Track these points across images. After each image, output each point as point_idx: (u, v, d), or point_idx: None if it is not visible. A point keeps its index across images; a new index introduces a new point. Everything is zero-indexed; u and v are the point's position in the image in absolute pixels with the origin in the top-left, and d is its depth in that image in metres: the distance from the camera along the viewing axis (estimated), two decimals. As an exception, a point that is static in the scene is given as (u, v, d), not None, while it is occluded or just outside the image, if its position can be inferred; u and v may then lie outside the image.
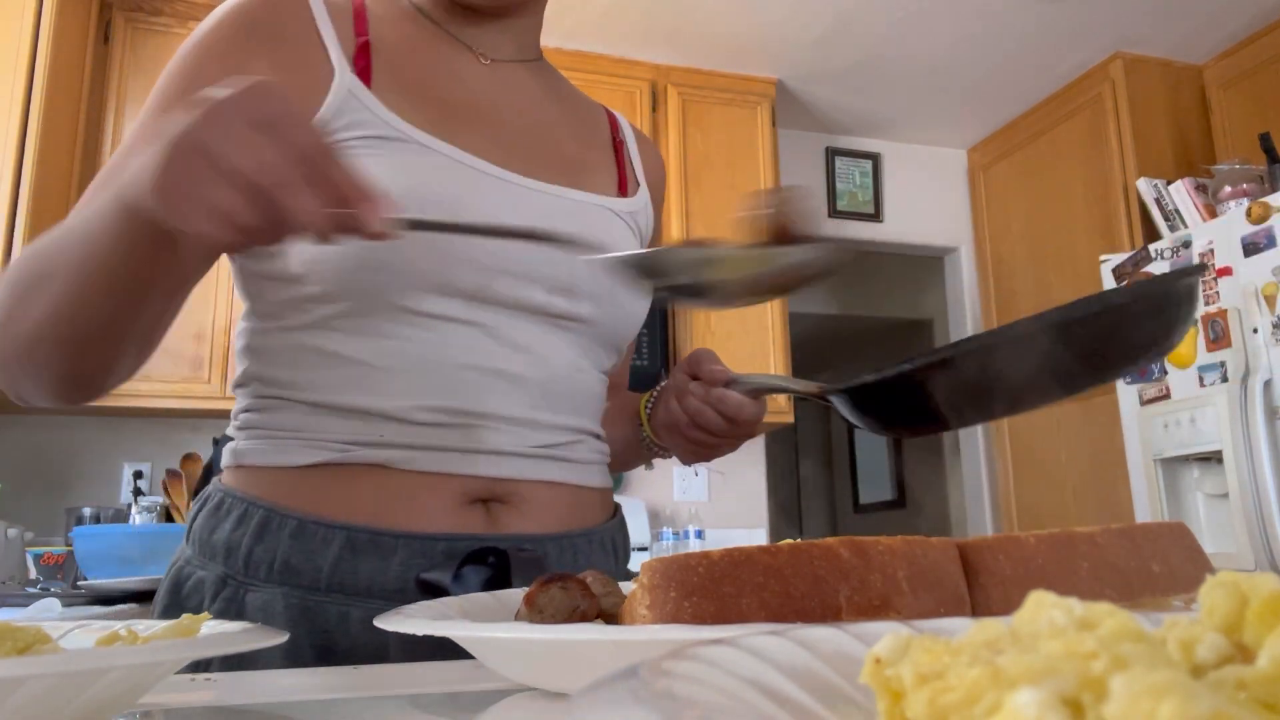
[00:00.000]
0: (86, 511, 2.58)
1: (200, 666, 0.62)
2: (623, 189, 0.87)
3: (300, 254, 0.69)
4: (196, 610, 0.69)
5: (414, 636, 0.65)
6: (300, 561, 0.68)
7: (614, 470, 0.91)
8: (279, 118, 0.48)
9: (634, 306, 0.82)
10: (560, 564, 0.73)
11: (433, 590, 0.67)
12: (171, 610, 0.70)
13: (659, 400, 0.84)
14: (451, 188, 0.72)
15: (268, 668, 0.63)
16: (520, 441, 0.73)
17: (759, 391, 0.76)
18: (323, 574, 0.67)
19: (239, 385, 0.76)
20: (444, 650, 0.65)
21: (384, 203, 0.50)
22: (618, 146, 0.91)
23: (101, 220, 0.56)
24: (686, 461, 0.87)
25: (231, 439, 0.75)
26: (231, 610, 0.68)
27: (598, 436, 0.83)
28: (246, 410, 0.74)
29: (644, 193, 0.89)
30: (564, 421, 0.77)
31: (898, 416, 0.63)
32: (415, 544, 0.68)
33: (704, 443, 0.79)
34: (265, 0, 0.72)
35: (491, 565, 0.68)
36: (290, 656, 0.65)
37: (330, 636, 0.67)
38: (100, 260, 0.57)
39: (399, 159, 0.70)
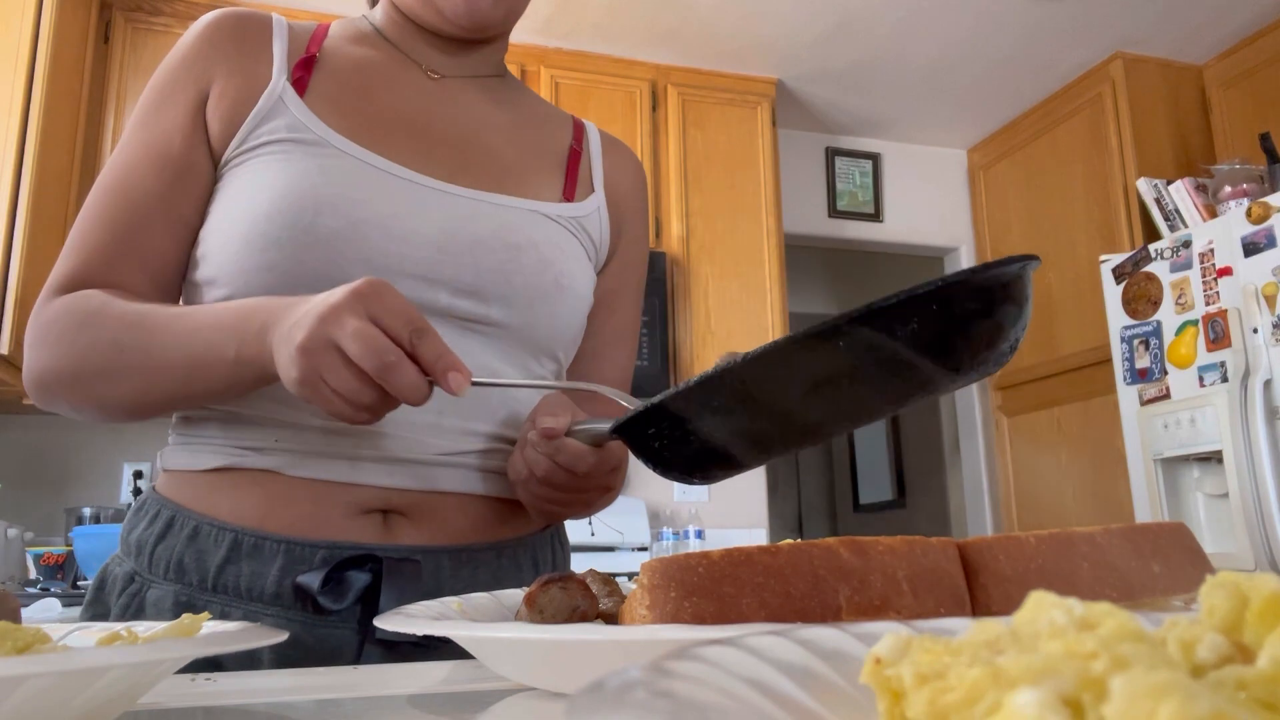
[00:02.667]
0: (86, 511, 2.58)
1: (199, 666, 0.62)
2: (568, 195, 0.86)
3: (214, 258, 0.73)
4: (110, 605, 0.73)
5: (288, 641, 0.67)
6: (191, 561, 0.70)
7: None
8: (383, 310, 0.58)
9: (556, 310, 0.79)
10: (457, 577, 0.72)
11: (304, 595, 0.68)
12: (93, 604, 0.74)
13: (514, 452, 0.76)
14: (353, 189, 0.72)
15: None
16: (421, 448, 0.73)
17: (598, 439, 0.66)
18: (209, 574, 0.69)
19: None
20: (315, 657, 0.67)
21: (465, 371, 0.60)
22: (573, 155, 0.89)
23: (215, 363, 0.66)
24: (539, 520, 0.81)
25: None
26: (134, 604, 0.71)
27: (513, 443, 0.78)
28: (179, 418, 0.78)
29: (596, 199, 0.88)
30: (474, 427, 0.75)
31: (683, 457, 0.55)
32: (295, 550, 0.69)
33: (546, 498, 0.71)
34: (234, 19, 0.78)
35: (369, 572, 0.69)
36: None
37: None
38: (203, 383, 0.67)
39: (311, 161, 0.72)
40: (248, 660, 0.67)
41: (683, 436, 0.53)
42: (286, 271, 0.69)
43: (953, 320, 0.45)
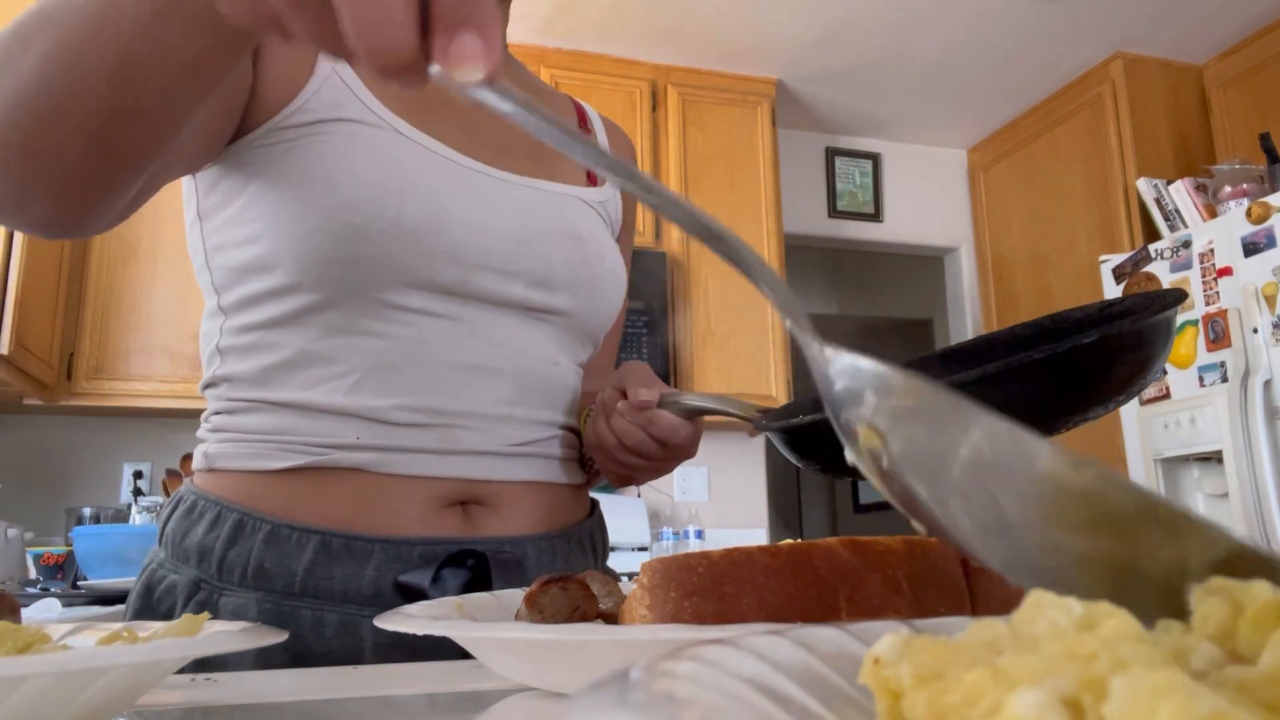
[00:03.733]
0: (86, 511, 2.58)
1: (200, 666, 0.62)
2: (591, 178, 0.86)
3: (274, 243, 0.67)
4: (168, 615, 0.68)
5: (391, 641, 0.66)
6: (274, 566, 0.66)
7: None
8: None
9: (610, 296, 0.81)
10: (540, 565, 0.72)
11: (410, 594, 0.66)
12: (143, 614, 0.69)
13: (593, 418, 0.77)
14: (429, 178, 0.70)
15: (238, 669, 0.62)
16: (497, 440, 0.72)
17: (693, 413, 0.69)
18: (296, 578, 0.66)
19: (208, 386, 0.74)
20: (422, 653, 0.65)
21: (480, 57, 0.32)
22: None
23: None
24: (615, 484, 0.83)
25: (203, 440, 0.74)
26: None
27: (573, 430, 0.81)
28: (217, 413, 0.73)
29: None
30: (540, 416, 0.76)
31: (837, 459, 0.56)
32: (391, 548, 0.67)
33: (634, 466, 0.73)
34: None
35: (470, 568, 0.67)
36: (264, 661, 0.63)
37: (304, 642, 0.66)
38: (123, 24, 0.47)
39: (378, 144, 0.69)
40: (350, 663, 0.64)
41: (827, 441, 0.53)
42: (376, 261, 0.66)
43: (1105, 366, 0.46)
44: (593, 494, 0.87)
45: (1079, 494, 0.24)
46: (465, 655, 0.66)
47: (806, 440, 0.55)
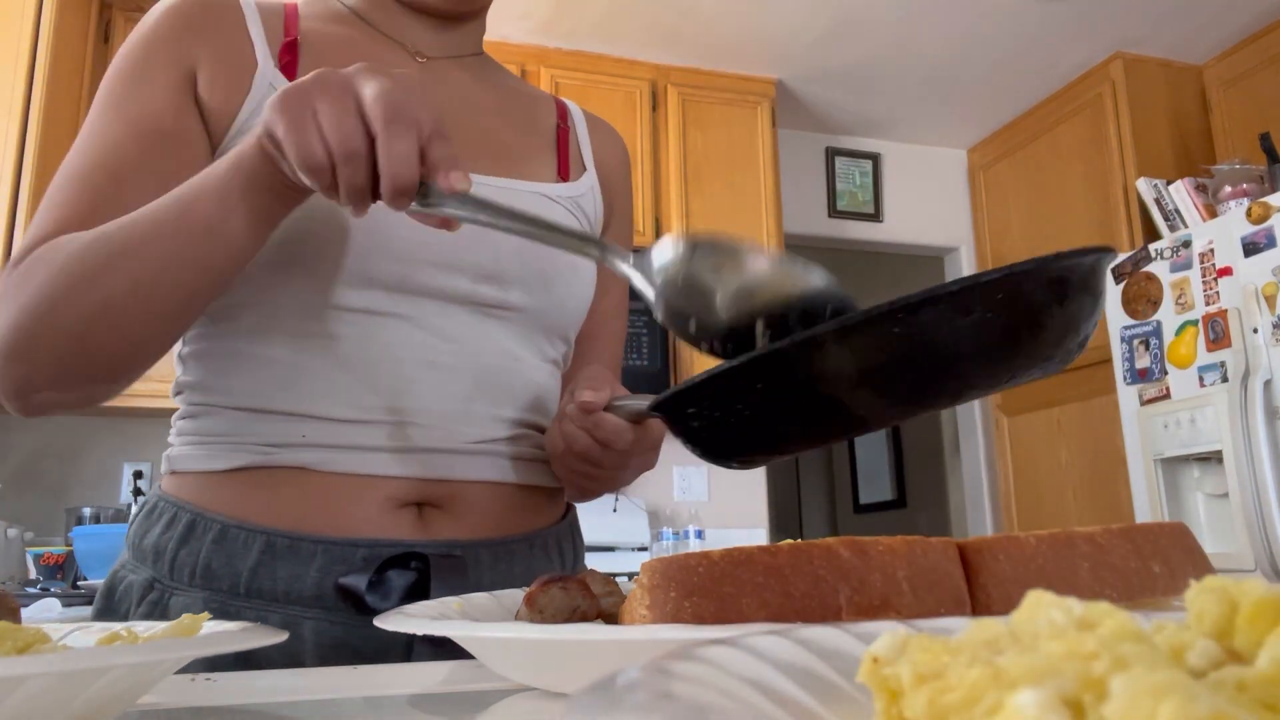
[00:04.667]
0: (86, 511, 2.58)
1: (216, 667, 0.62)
2: (563, 174, 0.86)
3: None
4: (126, 615, 0.69)
5: (333, 643, 0.66)
6: (220, 566, 0.67)
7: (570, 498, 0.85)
8: (400, 85, 0.53)
9: (571, 290, 0.79)
10: (495, 570, 0.71)
11: (349, 597, 0.66)
12: (104, 614, 0.70)
13: (550, 424, 0.76)
14: None
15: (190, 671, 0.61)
16: (453, 437, 0.72)
17: (643, 416, 0.65)
18: (242, 579, 0.67)
19: (176, 393, 0.76)
20: (367, 656, 0.66)
21: (469, 179, 0.54)
22: (561, 133, 0.89)
23: (200, 191, 0.60)
24: (573, 497, 0.82)
25: (169, 445, 0.75)
26: (156, 614, 0.67)
27: (543, 430, 0.79)
28: (181, 418, 0.75)
29: (589, 177, 0.88)
30: (502, 413, 0.75)
31: (723, 440, 0.51)
32: (335, 550, 0.67)
33: (584, 473, 0.71)
34: (199, 0, 0.74)
35: (414, 570, 0.67)
36: (210, 661, 0.62)
37: None
38: (200, 220, 0.59)
39: None
40: (290, 663, 0.64)
41: (724, 419, 0.49)
42: (313, 260, 0.68)
43: (1020, 312, 0.42)
44: None
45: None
46: (408, 658, 0.67)
47: (689, 418, 0.51)
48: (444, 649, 0.68)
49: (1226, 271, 2.54)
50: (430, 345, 0.72)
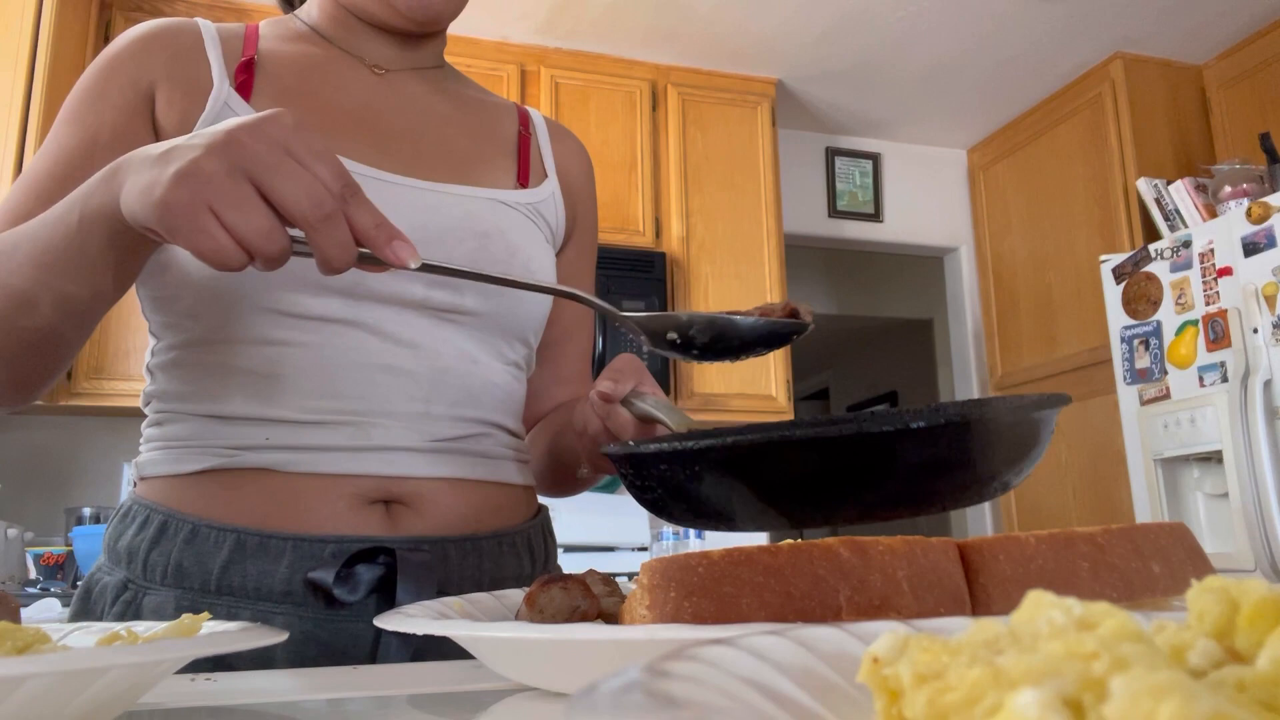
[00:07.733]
0: (86, 511, 2.58)
1: (210, 667, 0.62)
2: (523, 180, 0.87)
3: (179, 271, 0.71)
4: (100, 616, 0.71)
5: (302, 638, 0.67)
6: (191, 564, 0.69)
7: (542, 492, 0.88)
8: (311, 150, 0.50)
9: (525, 295, 0.80)
10: (463, 567, 0.73)
11: (318, 590, 0.67)
12: (80, 616, 0.72)
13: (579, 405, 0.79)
14: None
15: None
16: (413, 436, 0.73)
17: (645, 419, 0.68)
18: (213, 576, 0.68)
19: (145, 404, 0.78)
20: (336, 652, 0.67)
21: (411, 244, 0.53)
22: (522, 140, 0.90)
23: (64, 228, 0.59)
24: (593, 471, 0.83)
25: (139, 452, 0.77)
26: (130, 613, 0.69)
27: (510, 431, 0.81)
28: (149, 425, 0.77)
29: (551, 184, 0.89)
30: (462, 413, 0.76)
31: (654, 505, 0.54)
32: (304, 546, 0.68)
33: (597, 454, 0.73)
34: (162, 28, 0.77)
35: (382, 564, 0.69)
36: (193, 664, 0.62)
37: None
38: (58, 265, 0.59)
39: None
40: (261, 660, 0.66)
41: (645, 487, 0.53)
42: (263, 276, 0.69)
43: (950, 459, 0.46)
44: (595, 494, 0.87)
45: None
46: (372, 660, 0.68)
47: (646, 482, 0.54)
48: (409, 644, 0.69)
49: (1226, 271, 2.54)
50: (388, 350, 0.73)
